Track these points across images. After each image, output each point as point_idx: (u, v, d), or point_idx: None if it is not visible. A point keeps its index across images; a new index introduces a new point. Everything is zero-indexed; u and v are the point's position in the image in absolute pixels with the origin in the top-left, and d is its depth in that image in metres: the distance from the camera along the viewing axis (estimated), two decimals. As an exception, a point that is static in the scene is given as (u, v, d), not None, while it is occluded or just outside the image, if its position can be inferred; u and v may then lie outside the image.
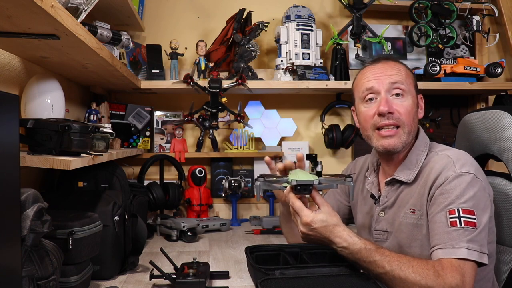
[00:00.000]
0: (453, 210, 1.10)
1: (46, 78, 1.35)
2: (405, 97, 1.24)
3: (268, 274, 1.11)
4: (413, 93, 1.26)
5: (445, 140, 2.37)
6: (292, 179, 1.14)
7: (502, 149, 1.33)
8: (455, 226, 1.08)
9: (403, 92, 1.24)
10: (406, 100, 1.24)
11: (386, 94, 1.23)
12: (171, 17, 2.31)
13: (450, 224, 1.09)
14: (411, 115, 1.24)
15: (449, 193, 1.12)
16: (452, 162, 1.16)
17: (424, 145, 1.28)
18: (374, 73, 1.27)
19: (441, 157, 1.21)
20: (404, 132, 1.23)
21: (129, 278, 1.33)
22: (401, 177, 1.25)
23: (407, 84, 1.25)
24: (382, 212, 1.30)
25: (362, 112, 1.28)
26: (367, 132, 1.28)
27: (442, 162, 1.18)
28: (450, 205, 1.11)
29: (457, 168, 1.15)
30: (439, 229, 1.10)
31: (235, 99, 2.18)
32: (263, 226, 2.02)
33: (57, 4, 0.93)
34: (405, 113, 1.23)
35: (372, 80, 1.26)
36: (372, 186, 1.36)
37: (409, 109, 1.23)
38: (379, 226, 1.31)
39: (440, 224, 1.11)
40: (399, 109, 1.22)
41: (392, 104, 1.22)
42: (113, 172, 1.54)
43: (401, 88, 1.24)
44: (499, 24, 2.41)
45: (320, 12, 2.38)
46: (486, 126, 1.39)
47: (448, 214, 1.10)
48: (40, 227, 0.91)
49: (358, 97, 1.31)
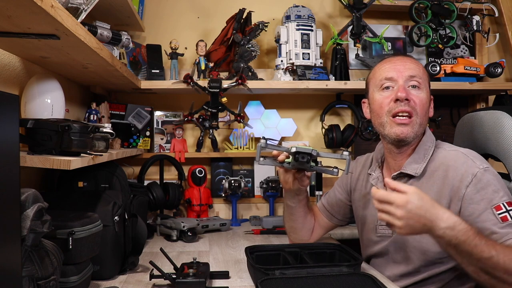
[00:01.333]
0: (498, 206, 1.12)
1: (46, 78, 1.35)
2: (421, 89, 1.27)
3: (268, 274, 1.11)
4: (428, 90, 1.30)
5: (445, 140, 2.36)
6: (292, 146, 1.20)
7: (502, 149, 1.34)
8: (507, 221, 1.10)
9: (420, 85, 1.27)
10: (422, 93, 1.27)
11: (405, 83, 1.26)
12: (171, 17, 2.31)
13: (502, 219, 1.10)
14: (425, 108, 1.27)
15: (485, 190, 1.14)
16: (470, 159, 1.20)
17: (431, 141, 1.32)
18: (394, 64, 1.29)
19: (455, 155, 1.23)
20: (417, 122, 1.25)
21: (129, 278, 1.33)
22: (409, 170, 1.27)
23: (424, 80, 1.29)
24: None
25: (377, 99, 1.30)
26: (381, 119, 1.29)
27: (459, 160, 1.21)
28: (492, 201, 1.12)
29: (478, 164, 1.18)
30: (492, 227, 1.10)
31: (235, 99, 2.18)
32: (263, 226, 2.02)
33: (57, 4, 0.93)
34: (419, 104, 1.25)
35: (391, 71, 1.28)
36: (378, 181, 1.37)
37: (423, 101, 1.26)
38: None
39: (491, 222, 1.11)
40: (415, 99, 1.25)
41: (408, 93, 1.25)
42: (113, 172, 1.54)
43: (419, 81, 1.27)
44: (499, 24, 2.41)
45: (320, 12, 2.38)
46: (486, 126, 1.40)
47: (495, 210, 1.11)
48: (40, 227, 0.91)
49: (375, 86, 1.32)
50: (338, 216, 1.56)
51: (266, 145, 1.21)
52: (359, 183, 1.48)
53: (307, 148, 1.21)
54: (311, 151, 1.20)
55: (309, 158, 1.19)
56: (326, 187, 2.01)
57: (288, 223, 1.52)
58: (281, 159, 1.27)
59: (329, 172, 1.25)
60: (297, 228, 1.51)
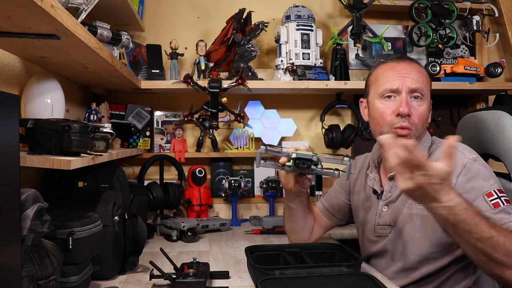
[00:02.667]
0: (490, 193, 1.13)
1: (46, 78, 1.35)
2: (422, 101, 1.27)
3: (268, 274, 1.11)
4: (429, 99, 1.30)
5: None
6: (292, 152, 1.20)
7: (502, 149, 1.34)
8: (499, 207, 1.10)
9: (423, 96, 1.27)
10: (423, 105, 1.27)
11: (407, 95, 1.26)
12: (171, 17, 2.31)
13: (494, 206, 1.11)
14: (424, 120, 1.28)
15: (475, 179, 1.15)
16: (460, 151, 1.22)
17: (428, 141, 1.33)
18: (398, 73, 1.28)
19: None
20: (415, 135, 1.26)
21: (129, 278, 1.33)
22: None
23: (427, 89, 1.29)
24: (385, 207, 1.32)
25: (379, 108, 1.29)
26: (382, 129, 1.29)
27: None
28: (483, 188, 1.14)
29: (467, 155, 1.20)
30: (486, 213, 1.09)
31: (235, 99, 2.18)
32: (263, 226, 2.01)
33: (57, 4, 0.93)
34: (419, 117, 1.26)
35: (395, 81, 1.27)
36: (374, 182, 1.37)
37: (423, 114, 1.27)
38: (382, 221, 1.32)
39: (485, 209, 1.11)
40: (415, 113, 1.25)
41: (410, 107, 1.25)
42: (113, 172, 1.54)
43: (421, 93, 1.27)
44: (499, 24, 2.41)
45: (320, 12, 2.38)
46: (486, 126, 1.40)
47: (487, 197, 1.12)
48: (40, 227, 0.91)
49: (376, 92, 1.31)
50: (338, 215, 1.56)
51: (266, 151, 1.21)
52: (358, 183, 1.48)
53: (308, 154, 1.20)
54: (312, 157, 1.19)
55: (310, 163, 1.19)
56: (326, 187, 2.01)
57: (288, 224, 1.52)
58: (282, 162, 1.27)
59: (330, 174, 1.25)
60: (298, 229, 1.51)
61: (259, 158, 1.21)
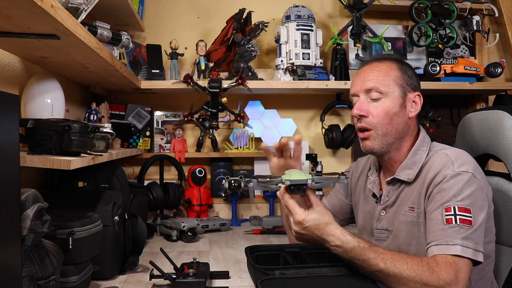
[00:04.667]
0: (449, 207, 1.10)
1: (46, 78, 1.35)
2: (381, 100, 1.24)
3: (268, 274, 1.11)
4: (396, 93, 1.24)
5: (445, 140, 2.37)
6: (286, 179, 1.13)
7: (502, 149, 1.33)
8: (451, 223, 1.09)
9: (381, 95, 1.24)
10: (383, 103, 1.24)
11: (365, 96, 1.26)
12: (171, 17, 2.31)
13: (446, 221, 1.09)
14: (387, 116, 1.23)
15: (446, 191, 1.13)
16: (451, 161, 1.17)
17: (425, 145, 1.28)
18: (358, 77, 1.31)
19: (440, 156, 1.21)
20: (377, 134, 1.24)
21: (129, 278, 1.33)
22: (402, 176, 1.26)
23: (386, 85, 1.24)
24: (383, 211, 1.31)
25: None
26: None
27: (441, 161, 1.19)
28: (446, 202, 1.11)
29: (455, 167, 1.15)
30: (435, 226, 1.11)
31: (235, 99, 2.18)
32: (263, 226, 2.02)
33: (57, 4, 0.93)
34: (377, 116, 1.24)
35: (354, 85, 1.30)
36: (374, 185, 1.36)
37: (384, 111, 1.23)
38: (380, 225, 1.31)
39: (436, 221, 1.11)
40: (373, 112, 1.24)
41: (367, 108, 1.25)
42: (113, 172, 1.54)
43: (379, 91, 1.24)
44: (499, 24, 2.41)
45: (320, 12, 2.38)
46: (486, 126, 1.39)
47: (444, 211, 1.10)
48: (40, 227, 0.91)
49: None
50: (340, 216, 1.55)
51: (257, 184, 1.15)
52: (359, 184, 1.48)
53: (302, 178, 1.12)
54: (306, 181, 1.12)
55: (306, 187, 1.13)
56: (326, 187, 2.00)
57: (287, 227, 1.52)
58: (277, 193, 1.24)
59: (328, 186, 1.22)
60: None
61: (253, 194, 1.16)
